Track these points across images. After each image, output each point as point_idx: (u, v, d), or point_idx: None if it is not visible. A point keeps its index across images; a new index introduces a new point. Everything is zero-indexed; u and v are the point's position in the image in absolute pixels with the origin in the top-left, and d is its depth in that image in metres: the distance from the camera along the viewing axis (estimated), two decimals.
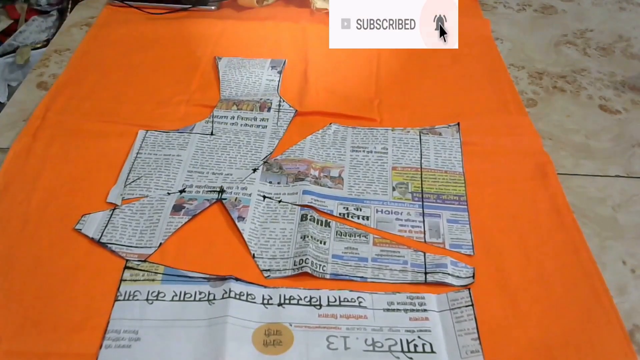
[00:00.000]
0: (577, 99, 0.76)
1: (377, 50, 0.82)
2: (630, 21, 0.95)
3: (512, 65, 0.82)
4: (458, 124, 0.68)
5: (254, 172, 0.61)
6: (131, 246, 0.53)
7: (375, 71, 0.78)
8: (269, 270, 0.51)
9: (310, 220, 0.55)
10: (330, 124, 0.68)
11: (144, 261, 0.51)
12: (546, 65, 0.82)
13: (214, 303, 0.48)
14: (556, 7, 0.98)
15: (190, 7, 0.88)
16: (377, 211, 0.57)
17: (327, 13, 0.87)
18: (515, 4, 0.98)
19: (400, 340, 0.46)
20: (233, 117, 0.68)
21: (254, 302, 0.48)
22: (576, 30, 0.91)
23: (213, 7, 0.89)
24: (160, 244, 0.53)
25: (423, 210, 0.58)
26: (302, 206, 0.57)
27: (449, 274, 0.51)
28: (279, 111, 0.69)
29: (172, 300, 0.48)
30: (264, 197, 0.58)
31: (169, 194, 0.58)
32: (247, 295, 0.49)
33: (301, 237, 0.54)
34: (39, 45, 1.35)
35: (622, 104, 0.75)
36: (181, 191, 0.58)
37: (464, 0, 0.95)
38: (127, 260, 0.51)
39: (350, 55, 0.81)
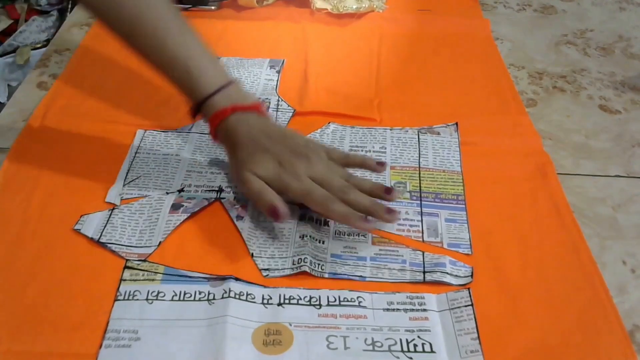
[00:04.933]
0: (577, 99, 0.76)
1: (377, 50, 0.82)
2: (630, 21, 0.95)
3: (512, 65, 0.82)
4: (456, 123, 0.68)
5: None
6: (131, 246, 0.53)
7: (375, 71, 0.78)
8: (267, 269, 0.51)
9: (309, 219, 0.55)
10: (329, 123, 0.68)
11: (144, 261, 0.51)
12: (546, 65, 0.82)
13: (213, 303, 0.48)
14: (556, 7, 0.98)
15: (190, 7, 0.88)
16: None
17: (327, 13, 0.87)
18: (515, 4, 0.98)
19: (400, 340, 0.46)
20: None
21: (254, 302, 0.48)
22: (576, 30, 0.91)
23: (213, 7, 0.89)
24: (160, 242, 0.53)
25: (421, 209, 0.58)
26: (301, 205, 0.57)
27: (447, 273, 0.51)
28: (277, 111, 0.69)
29: (172, 300, 0.48)
30: None
31: (167, 193, 0.58)
32: (247, 295, 0.49)
33: (300, 237, 0.54)
34: (39, 45, 1.35)
35: (622, 104, 0.75)
36: (180, 190, 0.58)
37: (464, 0, 0.95)
38: (126, 260, 0.51)
39: (350, 55, 0.81)
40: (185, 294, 0.49)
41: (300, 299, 0.49)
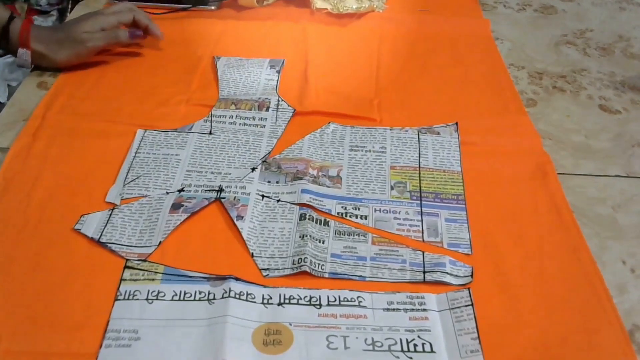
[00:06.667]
0: (577, 99, 0.76)
1: (377, 50, 0.82)
2: (630, 21, 0.95)
3: (512, 65, 0.82)
4: (456, 123, 0.68)
5: (252, 172, 0.61)
6: (131, 245, 0.53)
7: (375, 71, 0.78)
8: (267, 269, 0.51)
9: (309, 219, 0.55)
10: (329, 123, 0.68)
11: (144, 260, 0.51)
12: (546, 65, 0.82)
13: (213, 302, 0.48)
14: (556, 7, 0.98)
15: (190, 7, 0.88)
16: (375, 210, 0.57)
17: (327, 13, 0.87)
18: (515, 4, 0.98)
19: (400, 339, 0.46)
20: (232, 117, 0.68)
21: (254, 302, 0.48)
22: (576, 30, 0.91)
23: (213, 7, 0.89)
24: (160, 242, 0.53)
25: (421, 209, 0.58)
26: (301, 205, 0.57)
27: (447, 272, 0.51)
28: (277, 110, 0.69)
29: (172, 299, 0.48)
30: (263, 196, 0.58)
31: (167, 193, 0.58)
32: (247, 294, 0.49)
33: (300, 237, 0.54)
34: None
35: (622, 104, 0.75)
36: (180, 190, 0.58)
37: (464, 0, 0.96)
38: (126, 260, 0.51)
39: (350, 55, 0.81)
40: (185, 293, 0.49)
41: (300, 298, 0.49)
